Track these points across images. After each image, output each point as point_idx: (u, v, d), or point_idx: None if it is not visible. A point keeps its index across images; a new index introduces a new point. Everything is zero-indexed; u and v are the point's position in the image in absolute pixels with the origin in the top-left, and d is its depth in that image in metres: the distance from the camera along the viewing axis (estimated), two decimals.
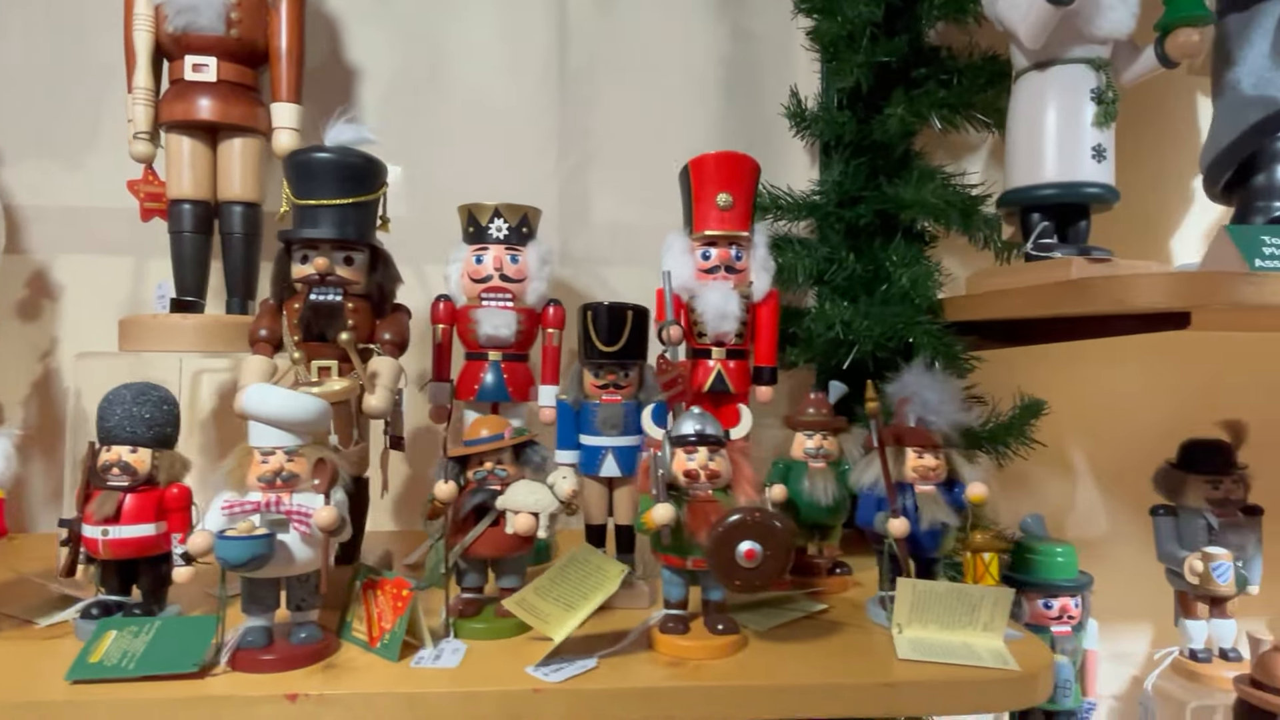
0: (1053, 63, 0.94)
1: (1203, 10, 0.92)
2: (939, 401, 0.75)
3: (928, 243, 1.13)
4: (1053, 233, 0.96)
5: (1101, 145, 0.92)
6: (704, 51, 1.21)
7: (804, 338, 1.05)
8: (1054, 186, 0.93)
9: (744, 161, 0.99)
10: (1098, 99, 0.92)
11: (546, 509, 0.68)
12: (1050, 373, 1.25)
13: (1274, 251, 0.77)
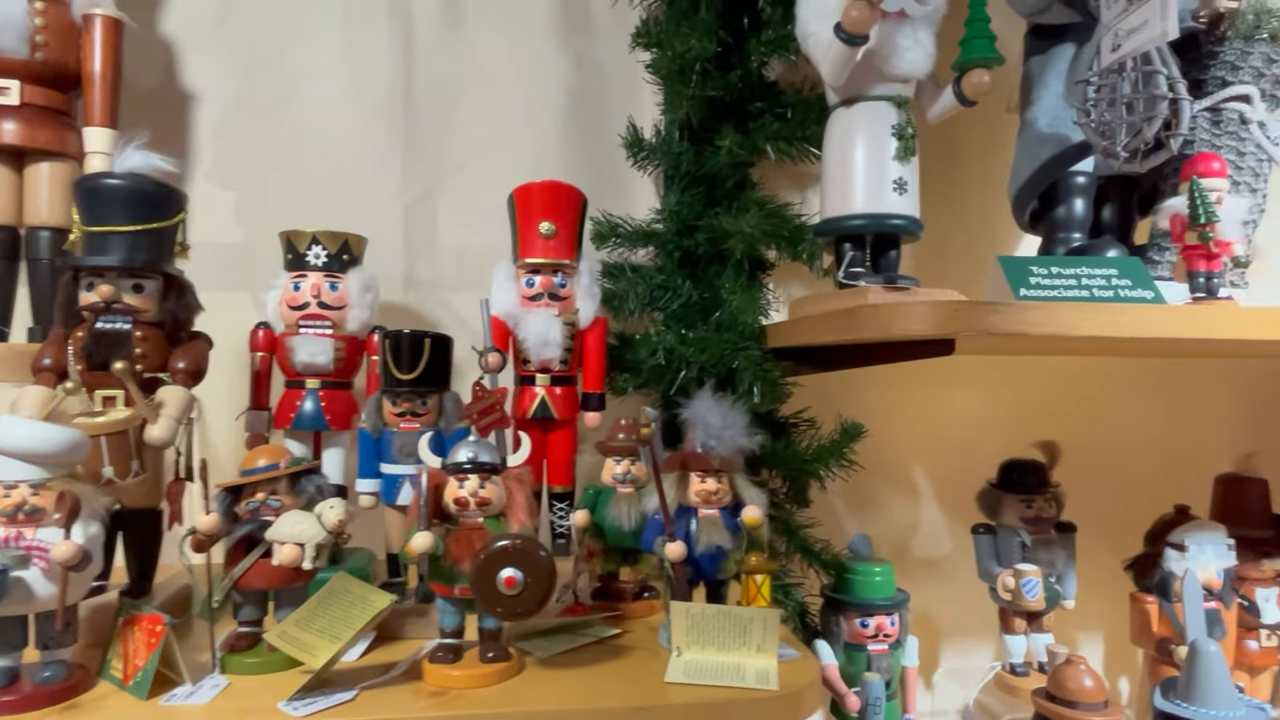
0: (858, 99, 0.98)
1: (992, 52, 0.96)
2: (722, 427, 0.77)
3: (765, 269, 1.17)
4: (863, 261, 1.00)
5: (903, 179, 0.96)
6: (550, 79, 1.23)
7: (633, 364, 1.07)
8: (862, 218, 0.97)
9: (568, 191, 1.01)
10: (898, 135, 0.96)
11: (312, 539, 0.67)
12: (899, 394, 1.30)
13: (1040, 281, 0.81)
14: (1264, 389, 1.41)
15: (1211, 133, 0.96)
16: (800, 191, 1.27)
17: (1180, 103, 0.88)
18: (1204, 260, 0.83)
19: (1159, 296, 0.79)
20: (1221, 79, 0.95)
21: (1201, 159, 0.84)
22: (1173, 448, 1.36)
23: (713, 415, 0.77)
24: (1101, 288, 0.80)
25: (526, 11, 1.23)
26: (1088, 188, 1.04)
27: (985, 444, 1.22)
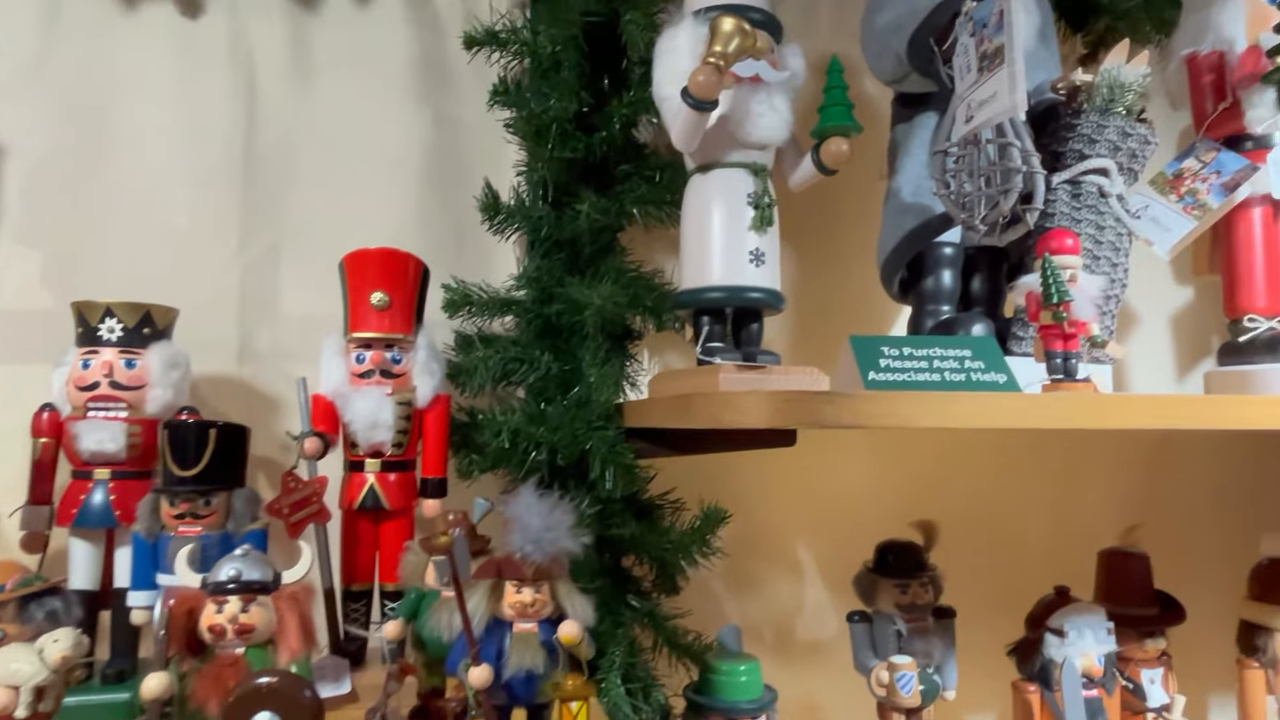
0: (714, 166, 0.93)
1: (849, 120, 0.93)
2: (543, 529, 0.69)
3: (634, 338, 1.10)
4: (721, 336, 0.94)
5: (760, 250, 0.91)
6: (407, 135, 1.16)
7: (481, 445, 0.98)
8: (719, 290, 0.91)
9: (404, 259, 0.93)
10: (754, 204, 0.91)
11: (27, 681, 0.57)
12: (781, 464, 1.24)
13: (891, 364, 0.76)
14: (1156, 456, 1.39)
15: (1071, 206, 0.93)
16: (672, 257, 1.22)
17: (1035, 176, 0.85)
18: (1060, 340, 0.80)
19: (1010, 382, 0.74)
20: (1079, 152, 0.94)
21: (1054, 235, 0.81)
22: (1064, 520, 1.33)
23: (532, 515, 0.69)
24: (954, 371, 0.75)
25: (383, 63, 1.16)
26: (955, 259, 1.00)
27: (873, 516, 1.17)
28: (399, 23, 1.16)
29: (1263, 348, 0.96)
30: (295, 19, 1.14)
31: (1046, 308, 0.78)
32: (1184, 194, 0.98)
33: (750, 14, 0.92)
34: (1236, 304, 1.00)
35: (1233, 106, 0.97)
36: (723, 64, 0.83)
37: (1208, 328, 1.41)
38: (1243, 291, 1.00)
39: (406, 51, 1.16)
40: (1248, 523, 1.28)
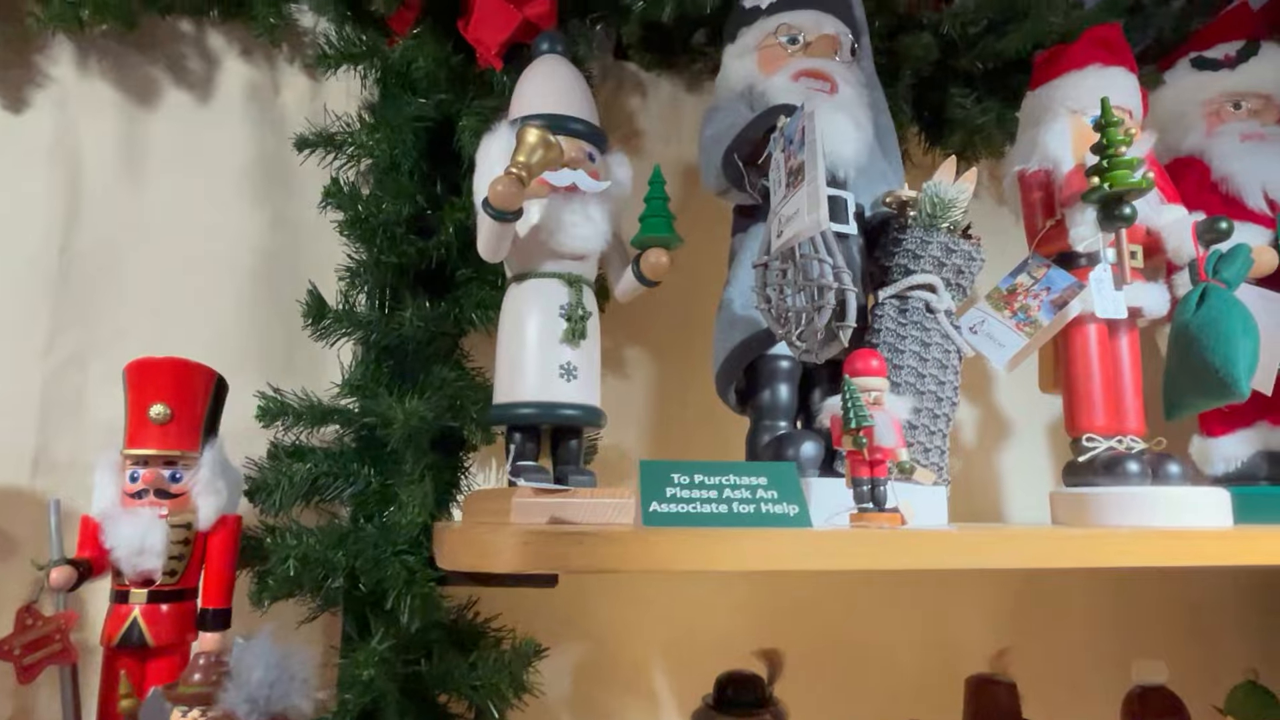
0: (528, 276, 0.89)
1: (669, 231, 0.91)
2: (265, 684, 0.61)
3: (468, 448, 1.04)
4: (534, 454, 0.88)
5: (572, 364, 0.86)
6: (240, 237, 1.11)
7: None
8: (531, 406, 0.86)
9: (193, 370, 0.87)
10: (567, 316, 0.87)
11: None
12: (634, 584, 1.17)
13: (678, 494, 0.71)
14: (1032, 579, 1.34)
15: (897, 322, 0.91)
16: None
17: (845, 293, 0.82)
18: (866, 466, 0.75)
19: (801, 516, 0.69)
20: (905, 267, 0.92)
21: (858, 356, 0.78)
22: (934, 644, 1.26)
23: (258, 667, 0.61)
24: (744, 502, 0.70)
25: (220, 163, 1.12)
26: (792, 372, 0.96)
27: (734, 640, 1.10)
28: (239, 122, 1.14)
29: (1101, 468, 0.92)
30: (130, 116, 1.11)
31: (847, 432, 0.74)
32: (1017, 310, 0.96)
33: (571, 124, 0.91)
34: (1076, 422, 0.97)
35: (1060, 224, 0.97)
36: (524, 175, 0.81)
37: None
38: (1081, 410, 0.97)
39: (246, 151, 1.13)
40: (1120, 649, 1.23)
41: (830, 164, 0.96)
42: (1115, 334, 0.99)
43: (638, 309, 1.20)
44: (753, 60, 1.01)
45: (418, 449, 0.96)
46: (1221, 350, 0.89)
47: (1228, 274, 0.94)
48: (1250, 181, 1.14)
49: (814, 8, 1.01)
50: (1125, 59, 1.04)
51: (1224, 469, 1.15)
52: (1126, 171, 0.89)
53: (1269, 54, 1.19)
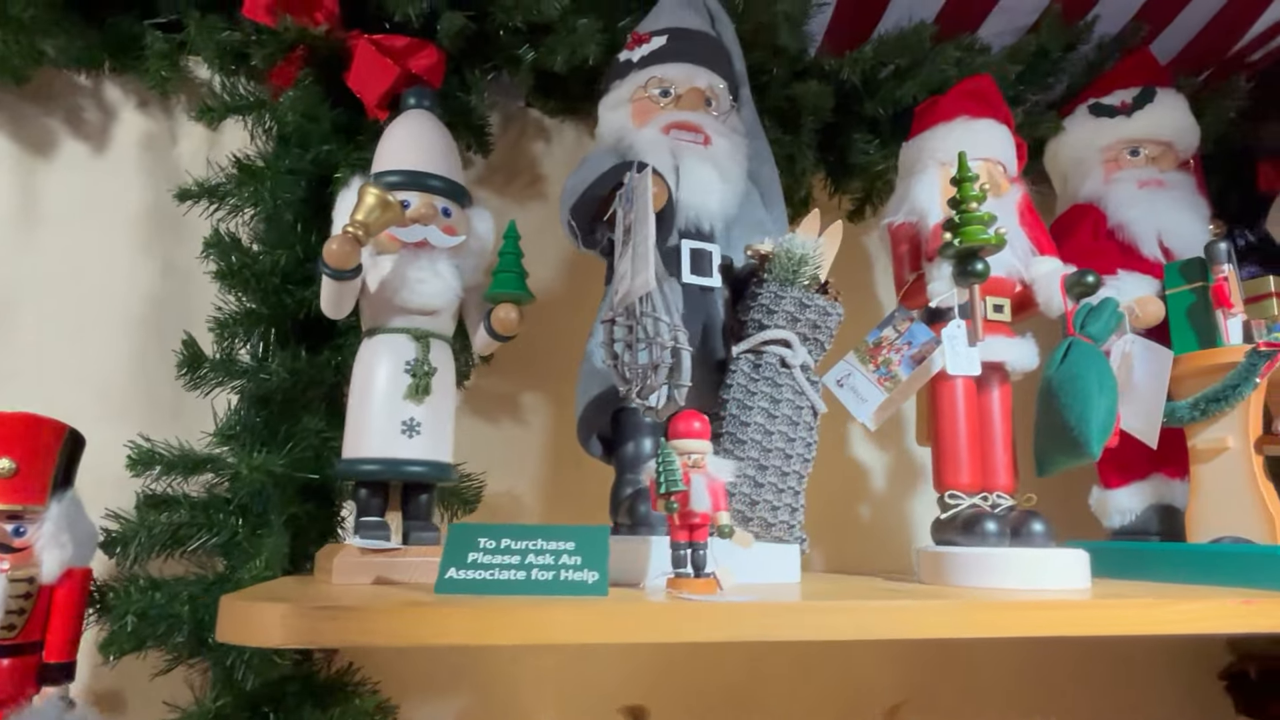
0: (377, 331, 0.90)
1: (520, 288, 0.91)
2: None
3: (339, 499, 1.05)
4: (380, 509, 0.88)
5: (415, 420, 0.86)
6: (132, 288, 1.13)
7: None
8: (375, 462, 0.86)
9: (39, 424, 0.88)
10: (412, 372, 0.87)
11: None
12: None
13: (480, 559, 0.70)
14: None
15: (749, 377, 0.90)
16: None
17: (680, 351, 0.82)
18: (685, 531, 0.74)
19: (599, 585, 0.68)
20: (759, 322, 0.91)
21: (681, 418, 0.77)
22: (839, 695, 1.24)
23: None
24: (545, 568, 0.70)
25: (114, 212, 1.14)
26: (655, 425, 0.96)
27: (630, 689, 1.09)
28: (135, 172, 1.16)
29: (960, 527, 0.91)
30: (27, 168, 1.13)
31: (659, 497, 0.73)
32: (880, 364, 0.95)
33: (427, 180, 0.92)
34: (940, 479, 0.96)
35: (923, 277, 0.96)
36: (361, 234, 0.82)
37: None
38: (945, 466, 0.96)
39: (140, 201, 1.15)
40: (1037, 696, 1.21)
41: (695, 216, 0.96)
42: (986, 388, 0.98)
43: (536, 354, 1.20)
44: (626, 112, 1.02)
45: (284, 499, 0.96)
46: (1076, 408, 0.88)
47: (1093, 329, 0.93)
48: (1145, 229, 1.13)
49: (687, 61, 1.02)
50: (995, 111, 1.03)
51: (1120, 522, 1.13)
52: (978, 228, 0.88)
53: (1165, 101, 1.18)
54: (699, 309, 0.95)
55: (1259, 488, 0.93)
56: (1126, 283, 1.07)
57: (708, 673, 1.20)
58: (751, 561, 0.86)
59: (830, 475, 1.32)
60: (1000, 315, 0.97)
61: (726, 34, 1.09)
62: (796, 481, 0.89)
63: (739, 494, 0.86)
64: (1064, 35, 1.30)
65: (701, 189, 0.96)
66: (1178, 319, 1.04)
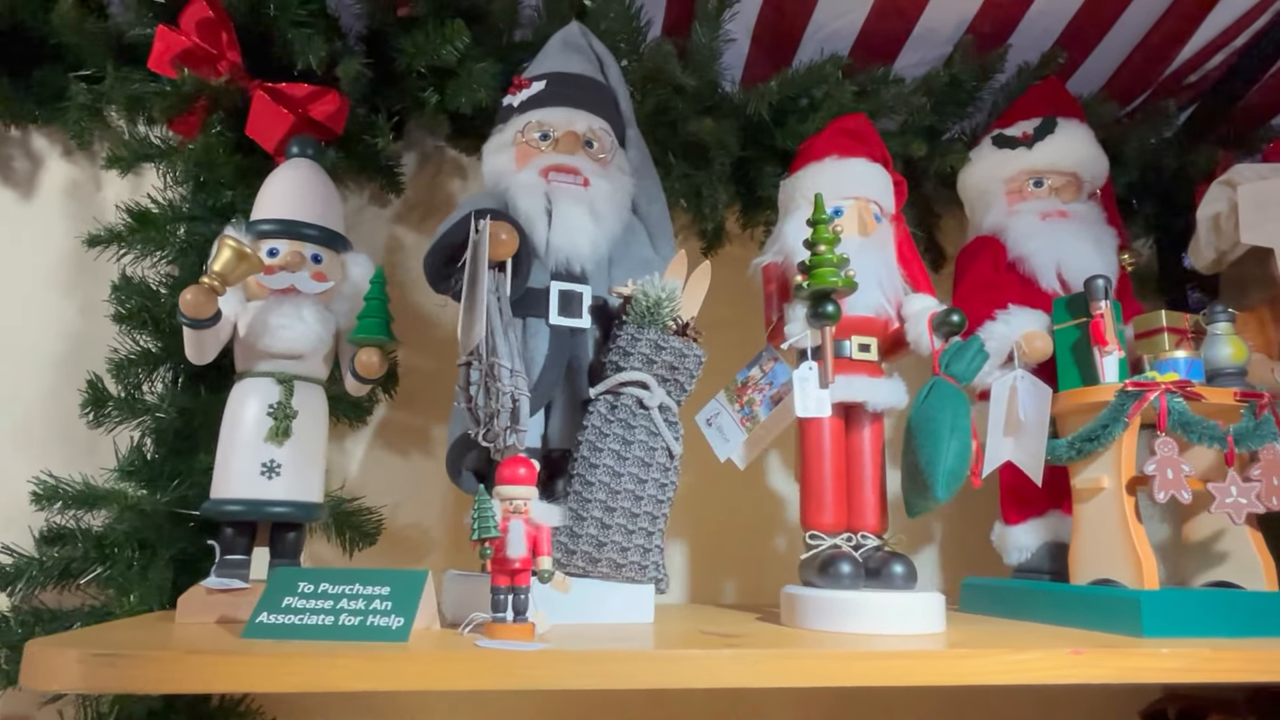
0: (246, 374, 0.93)
1: (382, 332, 0.93)
2: None
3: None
4: (246, 548, 0.91)
5: (276, 461, 0.89)
6: (50, 326, 1.19)
7: None
8: (237, 503, 0.89)
9: None
10: (273, 415, 0.90)
11: None
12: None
13: (295, 603, 0.73)
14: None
15: (605, 419, 0.91)
16: None
17: (519, 398, 0.84)
18: (506, 575, 0.76)
19: (401, 631, 0.70)
20: (615, 364, 0.92)
21: (506, 464, 0.78)
22: None
23: None
24: (354, 613, 0.72)
25: (39, 256, 1.20)
26: None
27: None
28: (59, 218, 1.21)
29: (819, 568, 0.90)
30: None
31: (474, 542, 0.75)
32: (744, 403, 0.96)
33: (301, 229, 0.95)
34: (804, 518, 0.96)
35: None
36: (217, 285, 0.85)
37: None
38: (809, 505, 0.95)
39: (63, 245, 1.20)
40: None
41: (565, 258, 0.98)
42: (857, 426, 0.97)
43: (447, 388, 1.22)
44: (510, 156, 1.04)
45: (169, 535, 1.00)
46: (927, 449, 0.87)
47: (956, 368, 0.92)
48: (1045, 262, 1.12)
49: (566, 105, 1.04)
50: (869, 149, 1.03)
51: (1018, 558, 1.12)
52: (829, 270, 0.89)
53: (1067, 131, 1.17)
54: (565, 350, 0.96)
55: (1129, 530, 0.91)
56: (1016, 317, 1.06)
57: (628, 713, 1.20)
58: (601, 603, 0.88)
59: (747, 508, 1.32)
60: (867, 354, 0.96)
61: (613, 75, 1.11)
62: (649, 522, 0.89)
63: (586, 535, 0.87)
64: (977, 65, 1.29)
65: (572, 231, 0.98)
66: (1063, 355, 1.02)
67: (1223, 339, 0.99)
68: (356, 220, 1.28)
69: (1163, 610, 0.85)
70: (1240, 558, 0.96)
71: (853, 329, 0.96)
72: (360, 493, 1.17)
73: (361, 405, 1.16)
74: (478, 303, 0.81)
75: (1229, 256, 1.20)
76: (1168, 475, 0.88)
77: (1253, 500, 0.89)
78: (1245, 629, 0.86)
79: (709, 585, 1.29)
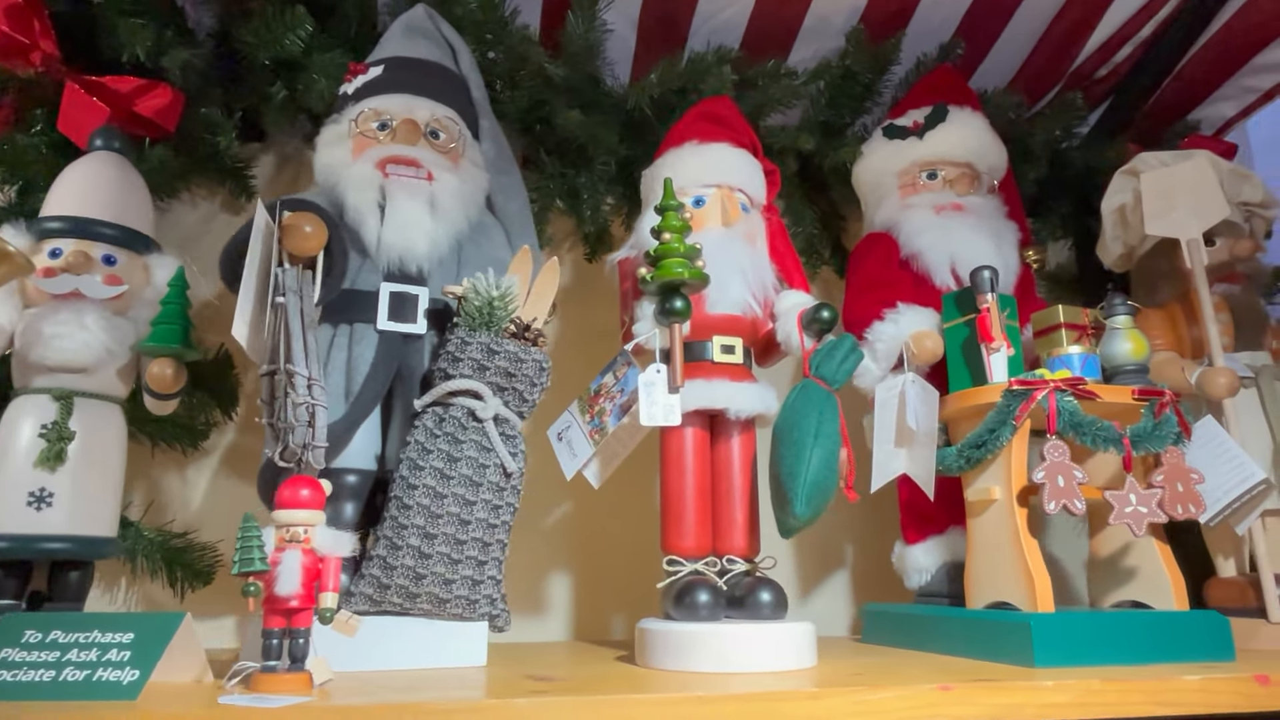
0: (21, 391, 0.81)
1: (176, 341, 0.83)
2: None
3: None
4: (17, 589, 0.79)
5: (47, 490, 0.78)
6: None
7: None
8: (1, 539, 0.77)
9: None
10: (46, 437, 0.79)
11: None
12: None
13: (13, 657, 0.61)
14: None
15: (430, 434, 0.81)
16: None
17: (315, 409, 0.73)
18: (280, 617, 0.65)
19: (132, 688, 0.58)
20: (445, 371, 0.82)
21: (287, 484, 0.68)
22: None
23: None
24: (82, 666, 0.60)
25: None
26: (359, 488, 0.87)
27: None
28: None
29: (674, 598, 0.80)
30: None
31: (237, 575, 0.63)
32: (595, 414, 0.86)
33: (93, 227, 0.85)
34: (664, 541, 0.85)
35: None
36: None
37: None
38: (668, 527, 0.85)
39: None
40: None
41: (398, 258, 0.88)
42: (724, 437, 0.88)
43: None
44: (346, 148, 0.94)
45: None
46: (788, 460, 0.78)
47: (825, 370, 0.83)
48: (938, 258, 1.03)
49: (405, 91, 0.95)
50: (733, 134, 0.95)
51: (918, 581, 1.02)
52: (676, 261, 0.79)
53: (959, 119, 1.09)
54: (394, 358, 0.86)
55: (1020, 545, 0.81)
56: (905, 316, 0.97)
57: None
58: (421, 645, 0.77)
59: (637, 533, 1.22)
60: (731, 356, 0.87)
61: (465, 62, 1.02)
62: (479, 550, 0.79)
63: (401, 567, 0.76)
64: (871, 56, 1.22)
65: (407, 227, 0.88)
66: (953, 354, 0.94)
67: (1122, 334, 0.90)
68: (207, 228, 1.18)
69: (1055, 636, 0.75)
70: (1148, 575, 0.87)
71: (715, 328, 0.86)
72: (199, 526, 1.05)
73: (195, 429, 1.04)
74: (240, 303, 0.71)
75: (1139, 251, 1.13)
76: (1058, 483, 0.79)
77: (1154, 509, 0.80)
78: (1149, 655, 0.77)
79: (596, 620, 1.17)
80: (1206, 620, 0.81)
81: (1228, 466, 0.93)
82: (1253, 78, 1.35)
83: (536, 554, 1.16)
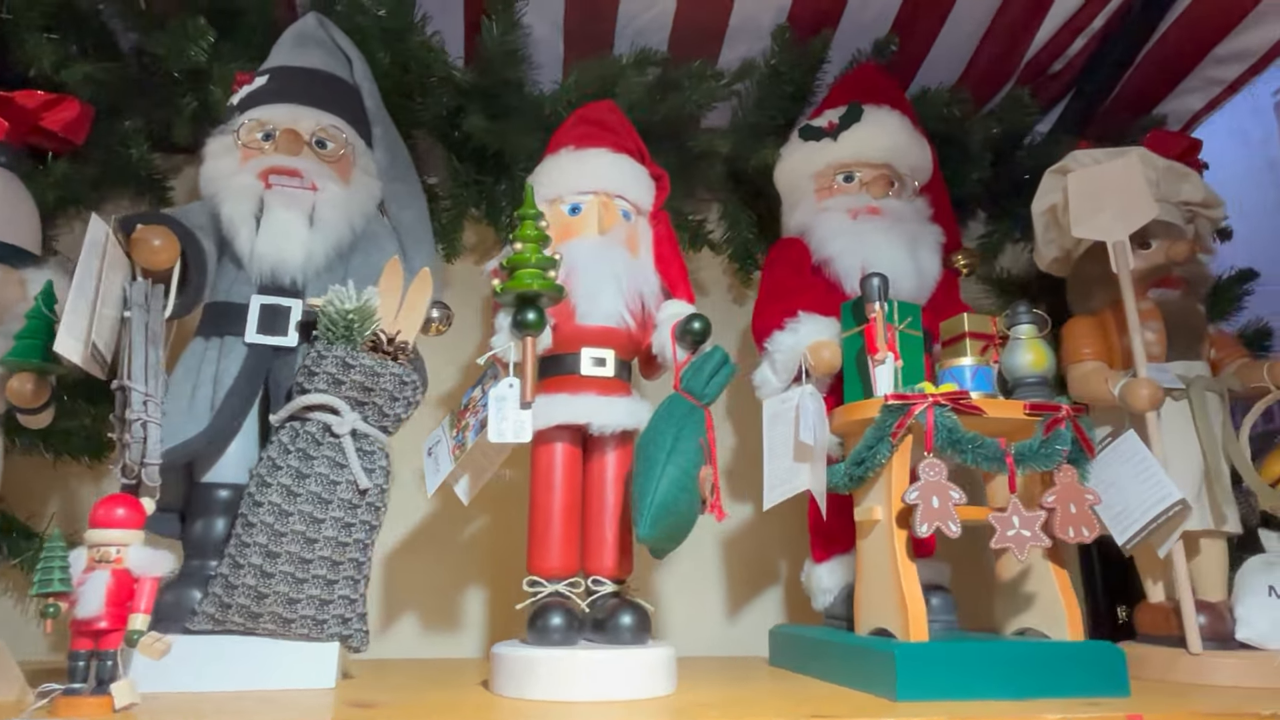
0: None
1: (37, 355, 0.82)
2: None
3: None
4: None
5: None
6: None
7: None
8: None
9: None
10: None
11: None
12: None
13: None
14: None
15: (283, 450, 0.79)
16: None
17: (147, 425, 0.72)
18: (87, 638, 0.63)
19: None
20: (300, 386, 0.80)
21: (101, 503, 0.66)
22: None
23: None
24: None
25: None
26: (232, 504, 0.85)
27: None
28: None
29: (529, 619, 0.77)
30: None
31: (35, 596, 0.62)
32: (461, 429, 0.83)
33: None
34: (529, 559, 0.82)
35: None
36: None
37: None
38: (533, 546, 0.82)
39: None
40: None
41: (270, 269, 0.87)
42: (596, 453, 0.84)
43: None
44: (234, 158, 0.94)
45: None
46: (640, 479, 0.74)
47: (694, 384, 0.79)
48: (850, 264, 0.99)
49: (288, 101, 0.94)
50: (615, 139, 0.92)
51: (824, 602, 0.97)
52: (529, 272, 0.77)
53: (874, 119, 1.04)
54: (261, 372, 0.85)
55: (898, 570, 0.77)
56: (805, 325, 0.93)
57: None
58: (264, 666, 0.75)
59: None
60: (601, 370, 0.83)
61: (359, 70, 1.00)
62: (328, 569, 0.77)
63: (243, 586, 0.74)
64: (799, 55, 1.18)
65: (280, 238, 0.87)
66: (848, 366, 0.89)
67: (1023, 344, 0.85)
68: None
69: (918, 668, 0.71)
70: (1045, 602, 0.81)
71: (586, 340, 0.83)
72: None
73: (101, 441, 1.05)
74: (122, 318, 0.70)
75: (1075, 254, 1.07)
76: (933, 504, 0.74)
77: (1036, 533, 0.75)
78: (1030, 688, 0.72)
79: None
80: (1098, 651, 0.75)
81: (1146, 485, 0.87)
82: (1216, 68, 1.27)
83: (453, 570, 1.14)
